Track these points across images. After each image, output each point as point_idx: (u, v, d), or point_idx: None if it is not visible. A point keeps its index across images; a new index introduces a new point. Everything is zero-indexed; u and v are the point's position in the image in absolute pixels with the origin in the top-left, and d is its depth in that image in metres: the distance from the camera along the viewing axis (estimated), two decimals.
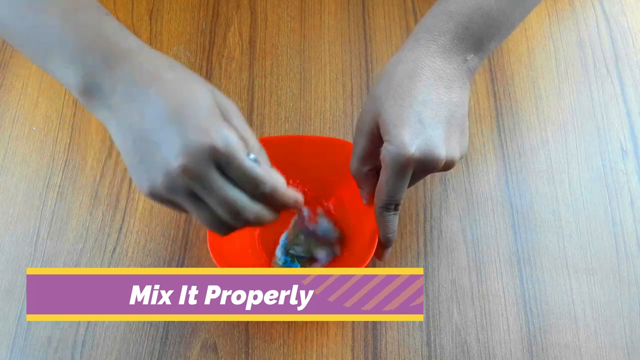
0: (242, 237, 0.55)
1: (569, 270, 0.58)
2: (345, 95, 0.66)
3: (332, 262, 0.56)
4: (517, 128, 0.65)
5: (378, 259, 0.54)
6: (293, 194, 0.44)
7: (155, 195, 0.41)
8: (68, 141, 0.63)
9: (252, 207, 0.42)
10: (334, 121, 0.65)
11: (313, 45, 0.69)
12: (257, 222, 0.43)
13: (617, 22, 0.71)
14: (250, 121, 0.64)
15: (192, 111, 0.40)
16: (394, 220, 0.50)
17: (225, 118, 0.42)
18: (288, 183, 0.44)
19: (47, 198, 0.60)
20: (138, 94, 0.41)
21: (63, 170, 0.61)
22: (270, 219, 0.44)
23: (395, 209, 0.49)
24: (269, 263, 0.57)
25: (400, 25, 0.70)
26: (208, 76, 0.67)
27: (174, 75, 0.42)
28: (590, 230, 0.60)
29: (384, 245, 0.52)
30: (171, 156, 0.39)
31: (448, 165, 0.48)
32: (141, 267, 0.57)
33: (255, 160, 0.42)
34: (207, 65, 0.67)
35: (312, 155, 0.57)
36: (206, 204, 0.41)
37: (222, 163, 0.40)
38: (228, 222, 0.42)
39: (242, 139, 0.42)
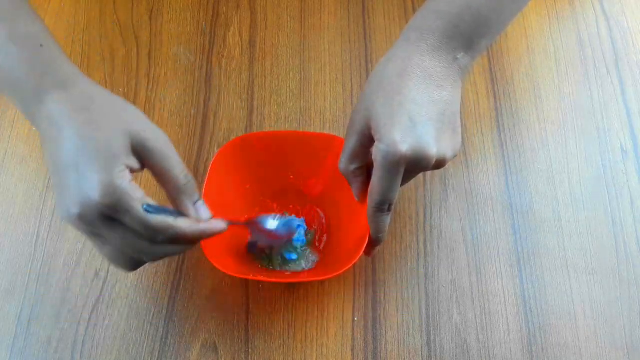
0: (235, 244, 0.56)
1: (569, 270, 0.58)
2: (345, 95, 0.66)
3: (324, 255, 0.56)
4: (517, 128, 0.65)
5: (366, 255, 0.54)
6: (211, 229, 0.46)
7: (72, 225, 0.43)
8: None
9: (155, 249, 0.44)
10: (334, 121, 0.65)
11: (313, 45, 0.69)
12: (170, 255, 0.46)
13: (617, 22, 0.71)
14: (250, 121, 0.64)
15: (95, 158, 0.41)
16: (387, 220, 0.50)
17: (143, 155, 0.44)
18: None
19: (47, 198, 0.60)
20: (57, 131, 0.43)
21: None
22: (186, 249, 0.47)
23: (389, 209, 0.49)
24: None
25: (400, 25, 0.70)
26: (208, 76, 0.67)
27: (87, 117, 0.43)
28: (590, 230, 0.60)
29: (373, 244, 0.52)
30: (70, 203, 0.41)
31: (439, 164, 0.48)
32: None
33: (155, 207, 0.42)
34: (207, 65, 0.67)
35: (306, 151, 0.57)
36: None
37: (114, 216, 0.41)
38: (134, 259, 0.45)
39: (164, 175, 0.44)
